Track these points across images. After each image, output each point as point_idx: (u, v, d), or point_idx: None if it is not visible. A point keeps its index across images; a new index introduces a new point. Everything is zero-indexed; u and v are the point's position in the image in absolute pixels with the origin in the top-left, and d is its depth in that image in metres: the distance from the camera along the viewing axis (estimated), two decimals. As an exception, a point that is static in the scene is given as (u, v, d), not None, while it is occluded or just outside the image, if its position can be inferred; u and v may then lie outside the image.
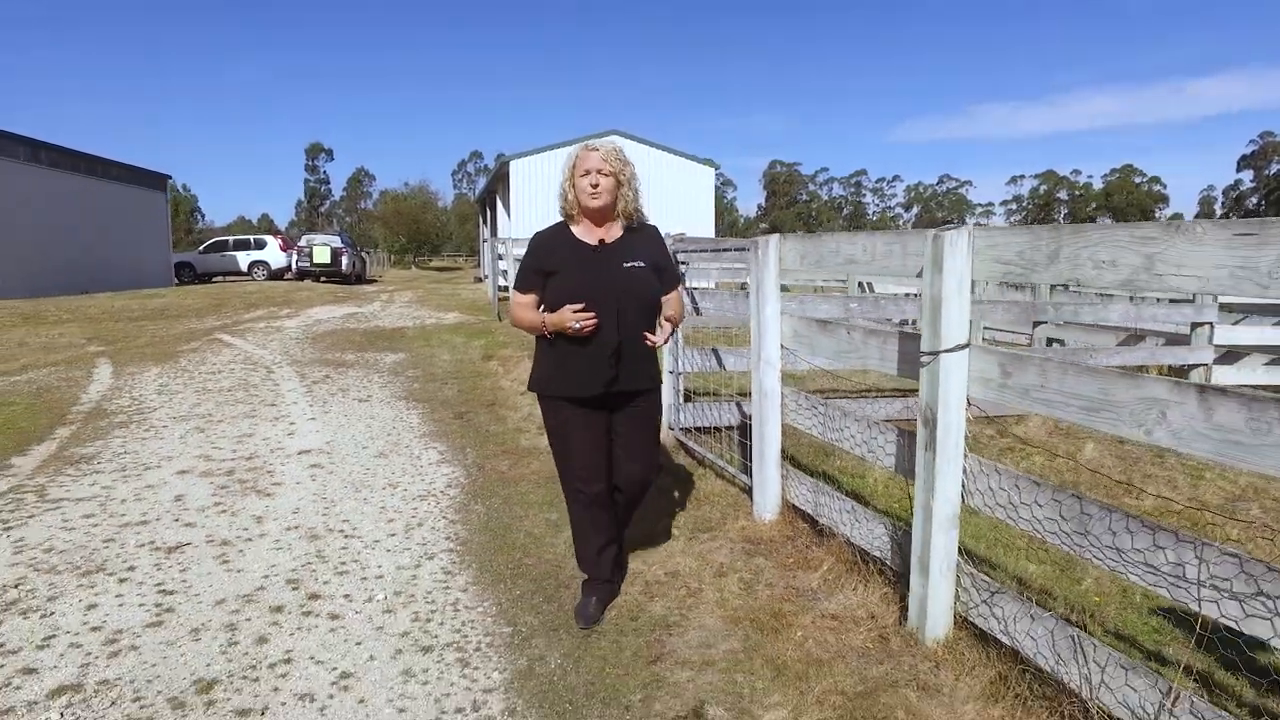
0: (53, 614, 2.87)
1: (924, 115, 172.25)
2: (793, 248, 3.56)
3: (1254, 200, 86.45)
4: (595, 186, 2.68)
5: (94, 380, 7.73)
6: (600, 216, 2.77)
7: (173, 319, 14.15)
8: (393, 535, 3.70)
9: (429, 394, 7.08)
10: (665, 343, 2.80)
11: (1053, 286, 8.86)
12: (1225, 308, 6.92)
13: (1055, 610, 2.56)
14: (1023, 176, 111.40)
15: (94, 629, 2.77)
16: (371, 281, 30.34)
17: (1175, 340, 7.23)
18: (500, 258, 15.50)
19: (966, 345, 2.45)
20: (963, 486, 2.52)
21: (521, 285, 2.84)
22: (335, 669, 2.54)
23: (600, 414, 2.83)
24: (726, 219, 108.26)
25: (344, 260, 26.42)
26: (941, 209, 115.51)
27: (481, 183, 45.57)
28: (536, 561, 3.41)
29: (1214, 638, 2.01)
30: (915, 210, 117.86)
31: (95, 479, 4.52)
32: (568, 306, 2.64)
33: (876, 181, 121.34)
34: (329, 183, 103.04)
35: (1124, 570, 1.98)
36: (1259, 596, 1.67)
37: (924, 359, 2.51)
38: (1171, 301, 7.32)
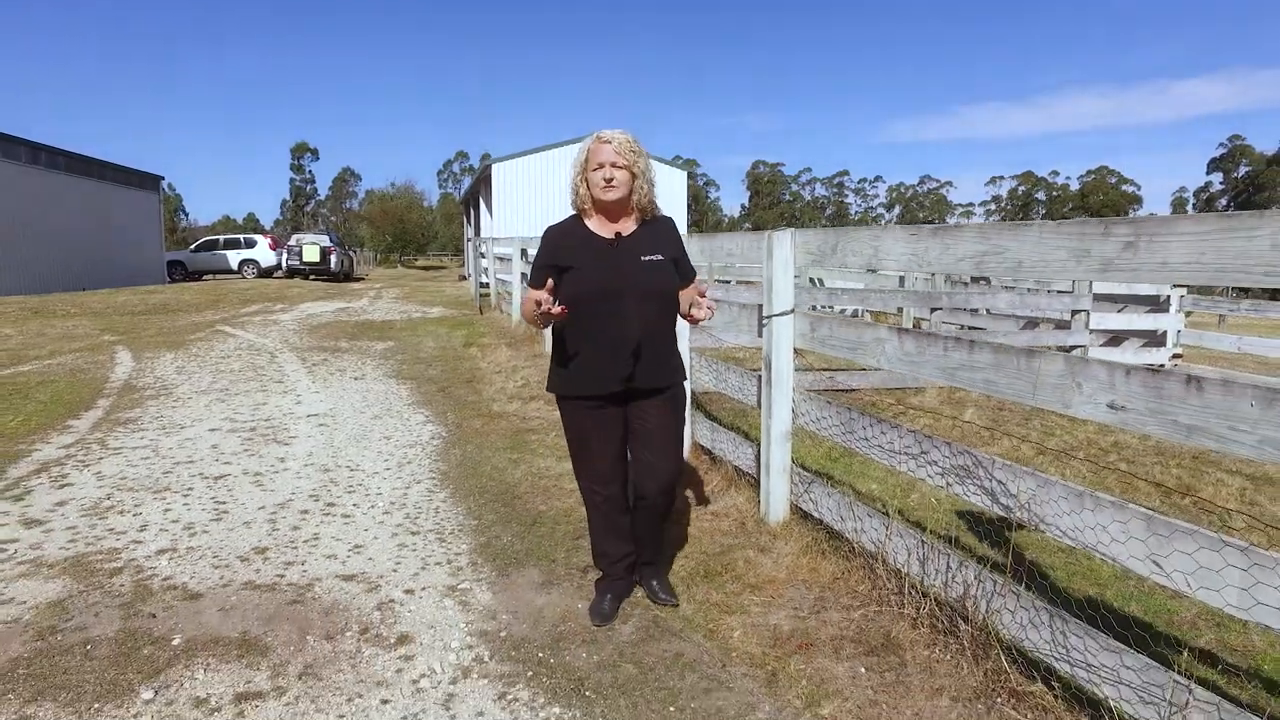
0: (141, 514, 3.91)
1: (910, 116, 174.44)
2: (694, 243, 4.63)
3: (1223, 202, 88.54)
4: (609, 180, 2.60)
5: (117, 364, 8.71)
6: (615, 210, 2.69)
7: (174, 313, 15.08)
8: (388, 469, 4.75)
9: (416, 373, 8.12)
10: (707, 318, 2.68)
11: (967, 280, 9.99)
12: (1100, 298, 8.06)
13: (878, 511, 3.64)
14: (1002, 177, 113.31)
15: (174, 521, 3.81)
16: (359, 280, 31.23)
17: (1062, 326, 8.40)
18: (483, 256, 16.52)
19: (791, 311, 3.53)
20: (792, 411, 3.61)
21: (534, 280, 2.73)
22: (350, 543, 3.60)
23: (618, 412, 2.76)
24: (711, 219, 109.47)
25: (333, 259, 27.33)
26: (922, 209, 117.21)
27: (467, 182, 46.53)
28: (498, 484, 4.47)
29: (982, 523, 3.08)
30: (897, 210, 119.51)
31: (143, 434, 5.53)
32: (533, 292, 2.55)
33: (859, 182, 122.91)
34: (314, 182, 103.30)
35: (867, 450, 3.07)
36: (923, 454, 2.76)
37: (764, 322, 3.60)
38: (1060, 292, 8.46)
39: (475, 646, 2.70)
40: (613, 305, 2.62)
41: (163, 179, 29.75)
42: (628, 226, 2.73)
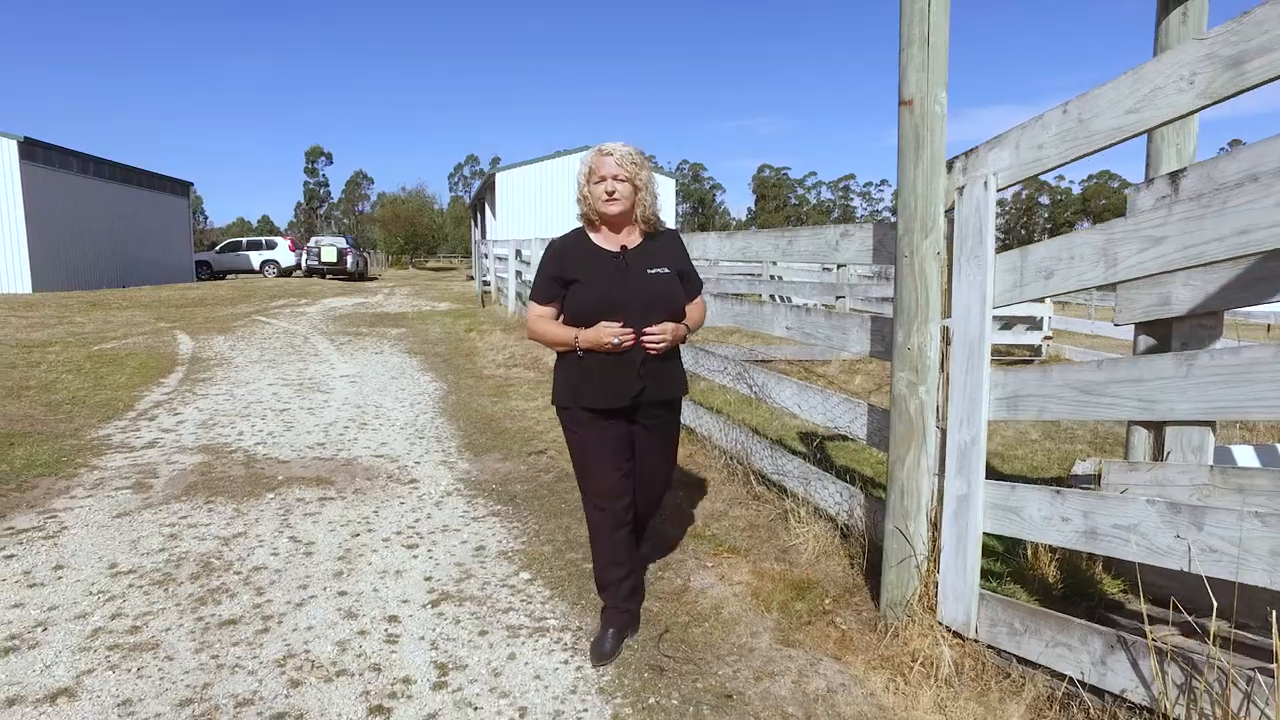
0: (236, 427, 5.77)
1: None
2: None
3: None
4: (611, 193, 2.59)
5: (180, 343, 10.61)
6: (618, 223, 2.68)
7: (211, 306, 17.02)
8: (403, 406, 6.59)
9: (425, 350, 9.98)
10: (663, 347, 2.60)
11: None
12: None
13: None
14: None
15: (259, 430, 5.67)
16: (373, 279, 33.21)
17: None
18: (485, 257, 18.40)
19: (669, 289, 5.34)
20: (671, 355, 5.41)
21: (540, 296, 2.71)
22: (378, 441, 5.43)
23: (623, 425, 2.72)
24: (717, 222, 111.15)
25: (349, 259, 29.34)
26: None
27: (476, 185, 48.55)
28: (481, 415, 6.31)
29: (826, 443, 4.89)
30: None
31: (219, 387, 7.40)
32: (604, 323, 2.54)
33: (865, 185, 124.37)
34: (328, 185, 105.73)
35: (702, 371, 4.88)
36: (724, 370, 4.57)
37: (652, 296, 5.42)
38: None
39: (456, 484, 4.53)
40: (619, 319, 2.55)
41: (192, 184, 31.85)
42: (632, 239, 2.70)
